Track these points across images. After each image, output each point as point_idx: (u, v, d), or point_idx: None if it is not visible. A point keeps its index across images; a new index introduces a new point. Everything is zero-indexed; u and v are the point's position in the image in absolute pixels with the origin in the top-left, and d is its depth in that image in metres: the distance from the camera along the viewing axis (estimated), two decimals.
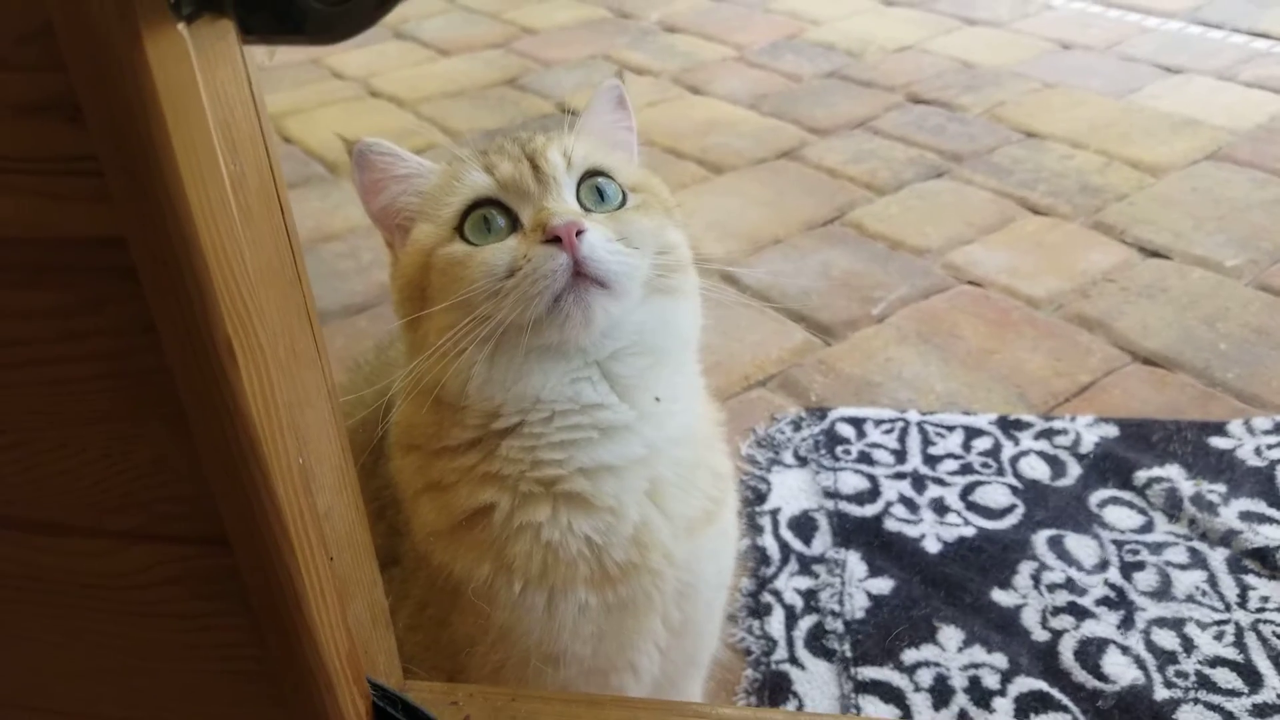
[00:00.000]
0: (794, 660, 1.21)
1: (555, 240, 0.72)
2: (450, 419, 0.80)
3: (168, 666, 0.58)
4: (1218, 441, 1.48)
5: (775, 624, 1.25)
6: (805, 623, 1.25)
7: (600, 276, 0.73)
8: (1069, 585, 1.28)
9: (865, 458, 1.50)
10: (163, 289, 0.42)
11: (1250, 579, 1.27)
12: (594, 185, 0.80)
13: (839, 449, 1.51)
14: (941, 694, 1.15)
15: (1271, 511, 1.36)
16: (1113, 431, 1.52)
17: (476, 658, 0.85)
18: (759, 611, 1.27)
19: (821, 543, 1.37)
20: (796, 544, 1.36)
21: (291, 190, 2.47)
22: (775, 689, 1.18)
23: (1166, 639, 1.21)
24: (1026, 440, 1.52)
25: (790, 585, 1.30)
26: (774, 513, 1.41)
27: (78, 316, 0.45)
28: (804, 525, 1.39)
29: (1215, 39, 2.99)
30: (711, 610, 0.93)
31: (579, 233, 0.72)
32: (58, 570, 0.55)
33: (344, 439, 0.57)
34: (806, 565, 1.33)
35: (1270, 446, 1.46)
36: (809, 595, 1.29)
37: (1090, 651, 1.19)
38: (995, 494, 1.43)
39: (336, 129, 2.77)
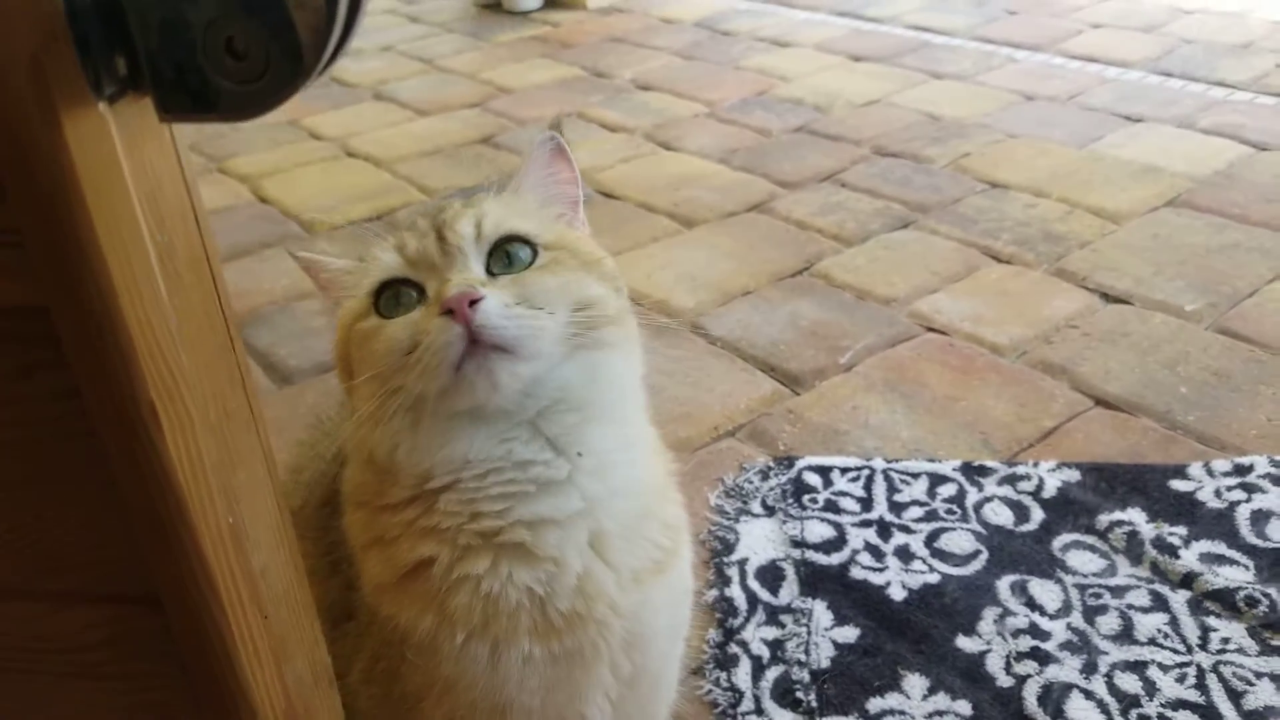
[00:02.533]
0: (760, 712, 1.20)
1: (451, 312, 0.73)
2: (387, 479, 0.82)
3: None
4: (1178, 484, 1.50)
5: (742, 675, 1.25)
6: (772, 673, 1.25)
7: (498, 342, 0.73)
8: (1032, 630, 1.29)
9: (832, 506, 1.51)
10: (85, 357, 0.43)
11: (1211, 620, 1.28)
12: (505, 251, 0.80)
13: (806, 498, 1.52)
14: None
15: (1231, 553, 1.37)
16: (1075, 476, 1.53)
17: (425, 711, 0.85)
18: (726, 663, 1.27)
19: (788, 592, 1.37)
20: (764, 594, 1.37)
21: (267, 249, 2.51)
22: None
23: (1129, 682, 1.21)
24: (990, 486, 1.53)
25: (757, 635, 1.31)
26: (741, 563, 1.42)
27: (5, 383, 0.46)
28: (771, 575, 1.40)
29: (1174, 88, 3.07)
30: (667, 660, 0.94)
31: (473, 301, 0.73)
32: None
33: (281, 497, 0.58)
34: (774, 615, 1.33)
35: (1229, 488, 1.48)
36: (776, 645, 1.29)
37: (1053, 697, 1.19)
38: (960, 540, 1.44)
39: (315, 188, 2.81)
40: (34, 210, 0.40)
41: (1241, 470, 1.50)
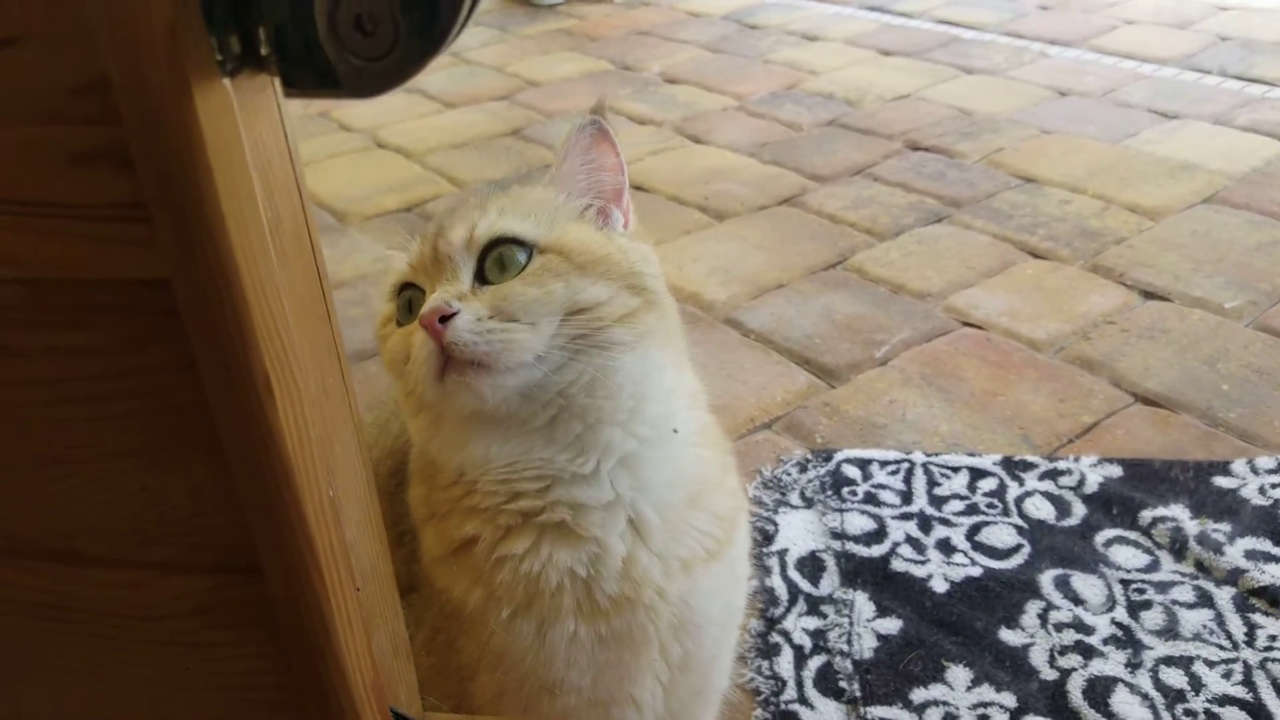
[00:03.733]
0: (803, 700, 1.21)
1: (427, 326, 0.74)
2: (434, 463, 0.84)
3: (193, 696, 0.59)
4: (1222, 481, 1.49)
5: (784, 664, 1.26)
6: (814, 662, 1.26)
7: (470, 358, 0.73)
8: (1076, 624, 1.28)
9: (871, 499, 1.51)
10: (204, 328, 0.44)
11: (1257, 617, 1.28)
12: (498, 254, 0.79)
13: (845, 490, 1.52)
14: None
15: (1277, 550, 1.37)
16: (1117, 471, 1.53)
17: (479, 683, 0.86)
18: (767, 652, 1.27)
19: (829, 583, 1.37)
20: (804, 584, 1.37)
21: None
22: None
23: (1175, 678, 1.21)
24: (1031, 481, 1.53)
25: (799, 625, 1.31)
26: (781, 553, 1.42)
27: (122, 355, 0.47)
28: (811, 566, 1.40)
29: (1209, 85, 3.05)
30: (719, 647, 0.94)
31: (446, 317, 0.73)
32: (89, 602, 0.57)
33: (369, 474, 0.59)
34: (814, 606, 1.34)
35: (1274, 486, 1.47)
36: (817, 635, 1.29)
37: (1099, 690, 1.19)
38: (1001, 534, 1.44)
39: (346, 179, 2.82)
40: (162, 183, 0.41)
41: None
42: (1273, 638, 1.25)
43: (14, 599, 0.59)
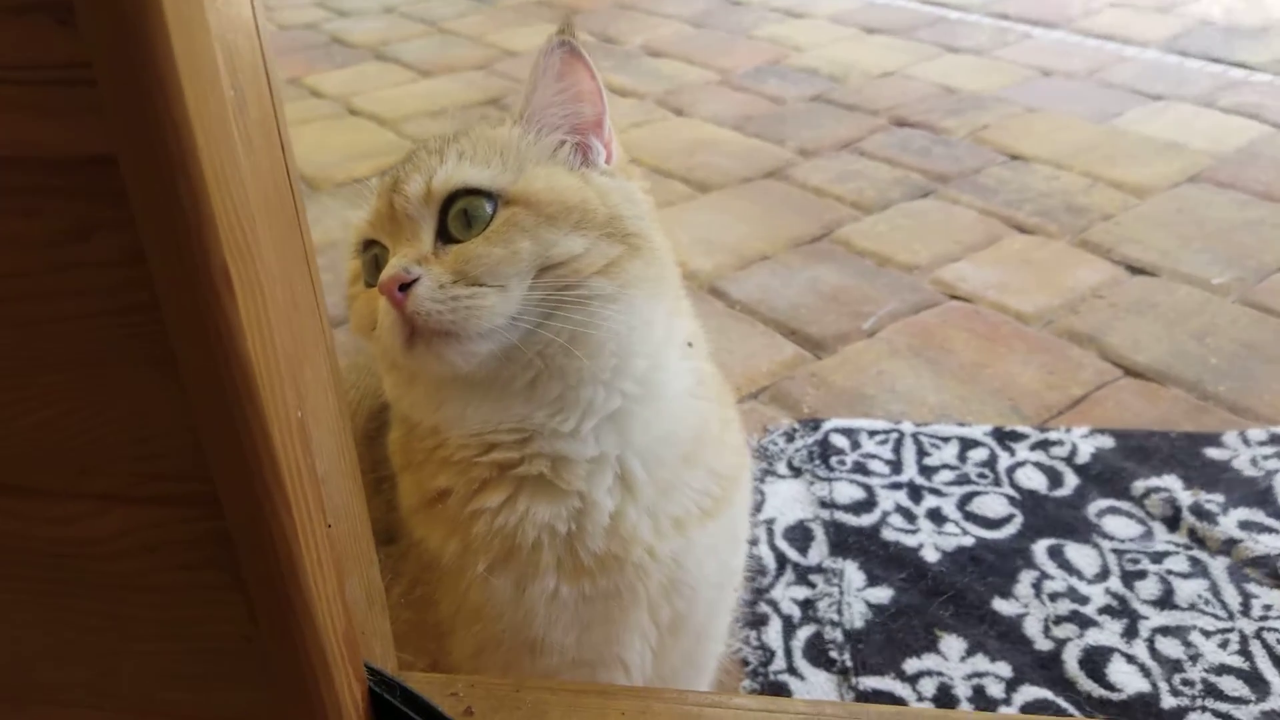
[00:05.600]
0: (792, 670, 1.17)
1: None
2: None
3: (147, 649, 0.53)
4: (1213, 452, 1.47)
5: (773, 634, 1.22)
6: (803, 633, 1.22)
7: (436, 329, 0.68)
8: (1071, 594, 1.25)
9: (860, 468, 1.47)
10: (156, 212, 0.38)
11: (1252, 587, 1.25)
12: (460, 209, 0.72)
13: (833, 459, 1.48)
14: (945, 703, 1.12)
15: (1270, 521, 1.34)
16: (1108, 443, 1.50)
17: (457, 639, 0.81)
18: (755, 622, 1.23)
19: (818, 552, 1.33)
20: (792, 554, 1.33)
21: None
22: None
23: (1171, 647, 1.18)
24: (1023, 451, 1.50)
25: (787, 595, 1.27)
26: (769, 523, 1.38)
27: (60, 246, 0.41)
28: (799, 535, 1.36)
29: (1192, 68, 3.03)
30: (714, 610, 0.90)
31: (404, 285, 0.67)
32: (26, 539, 0.51)
33: (343, 405, 0.53)
34: (803, 575, 1.30)
35: (1266, 457, 1.45)
36: (806, 605, 1.26)
37: (1095, 660, 1.16)
38: (993, 504, 1.40)
39: (316, 145, 2.75)
40: (109, 38, 0.36)
41: (1278, 439, 1.47)
42: (1268, 607, 1.22)
43: None
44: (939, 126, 2.70)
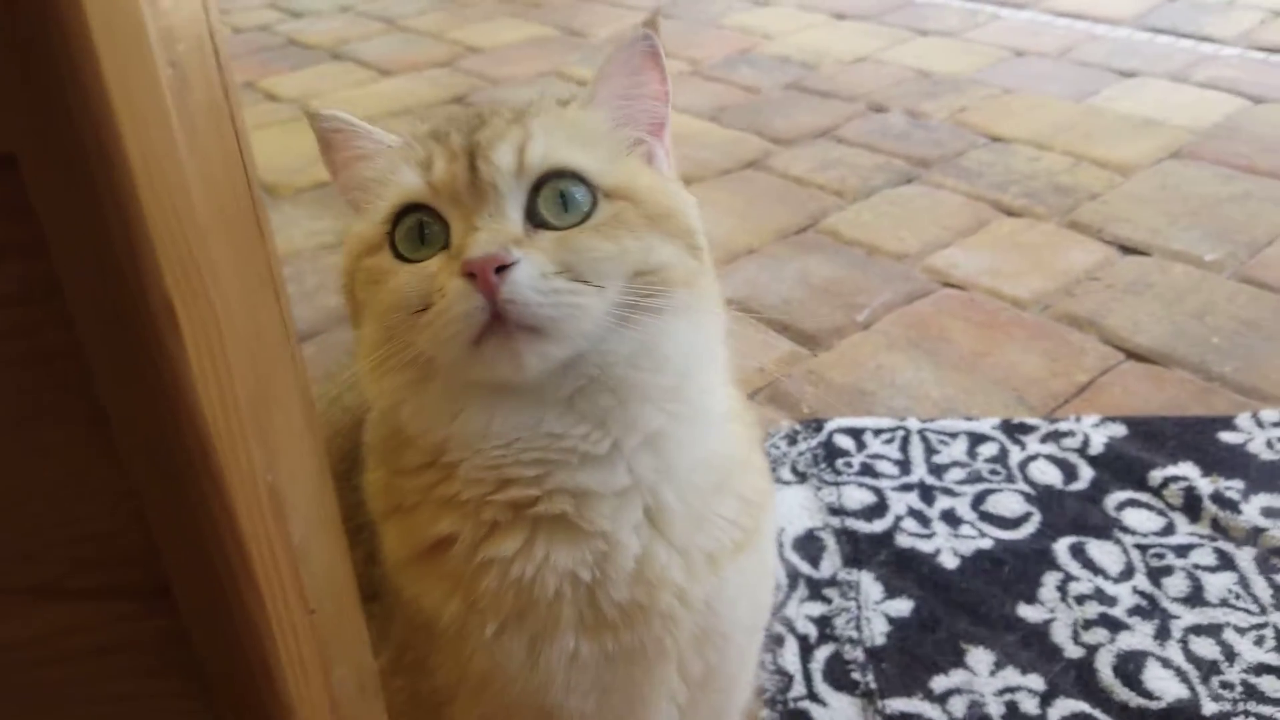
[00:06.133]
0: (813, 696, 1.09)
1: (473, 275, 0.59)
2: (401, 438, 0.69)
3: None
4: (1227, 436, 1.41)
5: (789, 656, 1.14)
6: (822, 653, 1.14)
7: (529, 322, 0.60)
8: (1098, 595, 1.19)
9: (868, 470, 1.40)
10: (71, 228, 0.29)
11: None
12: (556, 191, 0.65)
13: (839, 462, 1.41)
14: None
15: None
16: (1120, 431, 1.44)
17: (458, 709, 0.73)
18: (770, 644, 1.15)
19: (830, 564, 1.26)
20: (804, 567, 1.26)
21: None
22: None
23: (1206, 648, 1.12)
24: (1033, 444, 1.43)
25: (801, 612, 1.19)
26: (778, 534, 1.30)
27: None
28: (810, 546, 1.29)
29: (1164, 44, 3.00)
30: (744, 657, 0.81)
31: (501, 268, 0.59)
32: None
33: (322, 448, 0.44)
34: (817, 589, 1.22)
35: None
36: (823, 622, 1.18)
37: (1129, 667, 1.10)
38: (1008, 502, 1.34)
39: (275, 150, 2.63)
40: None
41: None
42: None
43: None
44: (917, 110, 2.64)
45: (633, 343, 0.64)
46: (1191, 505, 1.30)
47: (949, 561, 1.24)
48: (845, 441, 1.45)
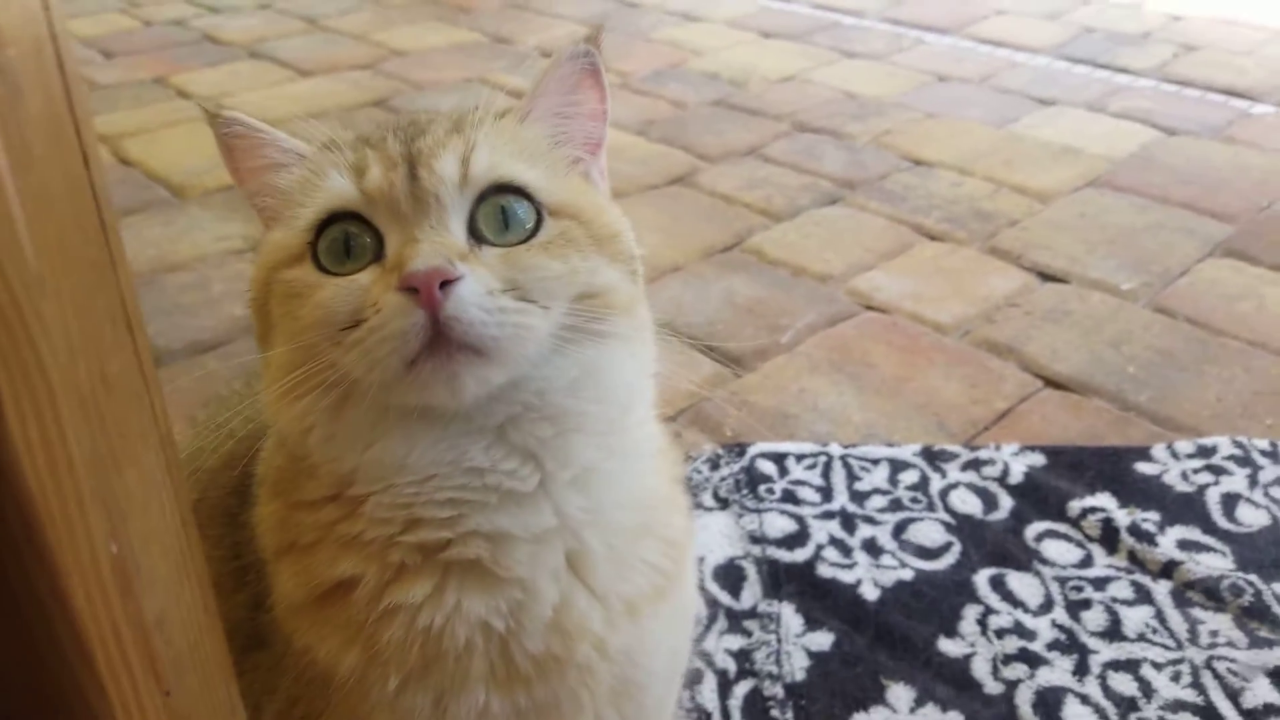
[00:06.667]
0: None
1: (414, 290, 0.55)
2: (302, 468, 0.63)
3: None
4: (1144, 467, 1.43)
5: (707, 693, 1.10)
6: (740, 689, 1.11)
7: (471, 343, 0.55)
8: (1017, 629, 1.18)
9: (790, 496, 1.37)
10: None
11: (1197, 612, 1.20)
12: (498, 206, 0.61)
13: (762, 488, 1.38)
14: None
15: (1207, 539, 1.30)
16: (1039, 460, 1.44)
17: None
18: (689, 680, 1.12)
19: (751, 594, 1.23)
20: (724, 597, 1.22)
21: (131, 216, 2.21)
22: None
23: (1124, 684, 1.12)
24: (954, 472, 1.43)
25: (721, 646, 1.16)
26: (698, 562, 1.27)
27: None
28: (731, 575, 1.25)
29: (1081, 74, 3.08)
30: (662, 707, 0.77)
31: (445, 283, 0.55)
32: None
33: (187, 503, 0.39)
34: (737, 621, 1.19)
35: (1196, 471, 1.42)
36: (742, 656, 1.15)
37: (1049, 703, 1.09)
38: (929, 531, 1.32)
39: (183, 149, 2.52)
40: None
41: (1205, 452, 1.45)
42: (1214, 633, 1.18)
43: None
44: (842, 132, 2.65)
45: (574, 369, 0.60)
46: (1109, 537, 1.31)
47: (870, 593, 1.22)
48: (767, 467, 1.42)
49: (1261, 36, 3.26)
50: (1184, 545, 1.29)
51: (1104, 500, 1.36)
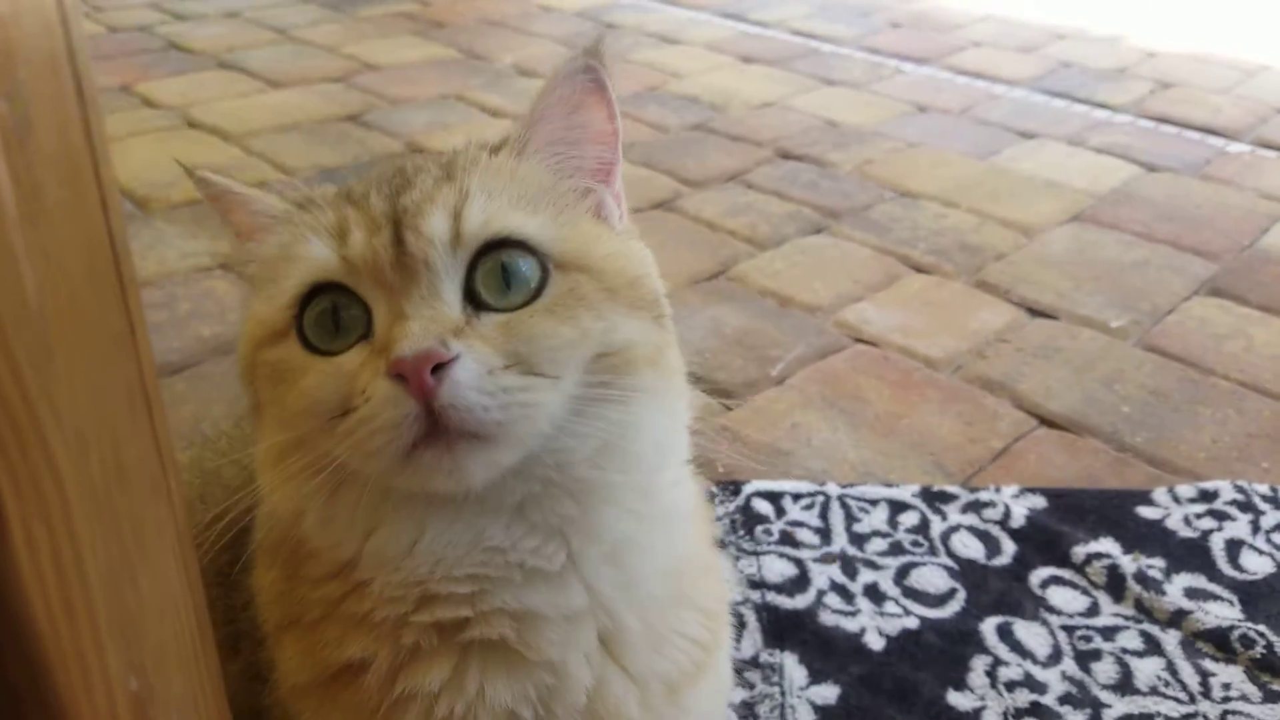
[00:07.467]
0: None
1: (403, 376, 0.49)
2: (301, 545, 0.57)
3: None
4: (1146, 511, 1.40)
5: None
6: None
7: (471, 429, 0.50)
8: (1028, 681, 1.14)
9: (788, 539, 1.32)
10: None
11: (1208, 664, 1.17)
12: (499, 264, 0.55)
13: (759, 529, 1.33)
14: None
15: (1214, 588, 1.27)
16: (1040, 503, 1.41)
17: None
18: None
19: (752, 643, 1.17)
20: None
21: None
22: None
23: None
24: (954, 514, 1.39)
25: None
26: None
27: None
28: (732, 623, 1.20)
29: (1059, 107, 3.09)
30: None
31: (438, 366, 0.49)
32: None
33: (203, 620, 0.33)
34: (739, 673, 1.13)
35: (1198, 516, 1.39)
36: (746, 710, 1.09)
37: None
38: (932, 577, 1.28)
39: (148, 160, 2.42)
40: None
41: (1207, 496, 1.42)
42: (1226, 685, 1.14)
43: None
44: (825, 160, 2.63)
45: (595, 439, 0.54)
46: (1115, 584, 1.27)
47: (875, 642, 1.18)
48: (764, 506, 1.37)
49: (1234, 75, 3.30)
50: (1191, 594, 1.26)
51: (1108, 545, 1.33)
